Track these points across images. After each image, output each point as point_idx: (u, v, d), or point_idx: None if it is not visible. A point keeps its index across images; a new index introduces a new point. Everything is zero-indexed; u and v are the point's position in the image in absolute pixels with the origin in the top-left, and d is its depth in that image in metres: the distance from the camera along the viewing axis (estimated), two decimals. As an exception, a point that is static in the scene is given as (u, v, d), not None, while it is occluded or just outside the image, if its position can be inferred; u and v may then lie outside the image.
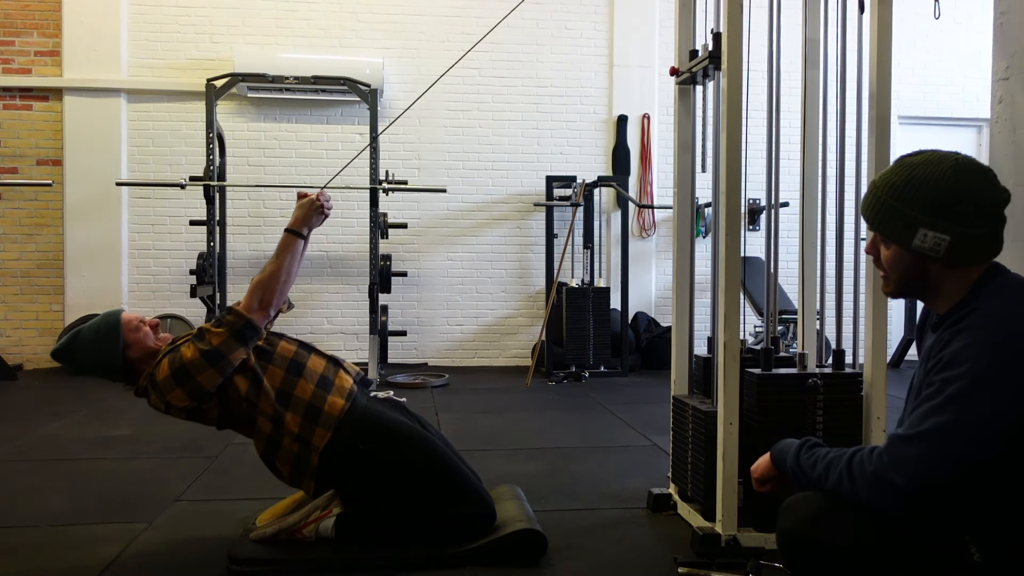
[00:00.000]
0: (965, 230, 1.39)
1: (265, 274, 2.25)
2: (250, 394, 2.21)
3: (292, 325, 6.38)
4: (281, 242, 2.29)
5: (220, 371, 2.16)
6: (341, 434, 2.23)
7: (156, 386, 2.18)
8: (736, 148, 2.40)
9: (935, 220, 1.40)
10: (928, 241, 1.41)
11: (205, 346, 2.14)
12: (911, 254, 1.44)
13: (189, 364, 2.14)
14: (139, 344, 2.26)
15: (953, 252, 1.40)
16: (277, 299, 2.25)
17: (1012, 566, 1.31)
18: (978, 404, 1.29)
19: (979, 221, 1.39)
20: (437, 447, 2.32)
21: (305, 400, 2.23)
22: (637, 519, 2.65)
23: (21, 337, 6.24)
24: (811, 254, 2.68)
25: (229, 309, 2.22)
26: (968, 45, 6.97)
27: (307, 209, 2.32)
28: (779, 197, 2.62)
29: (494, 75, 6.57)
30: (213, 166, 5.58)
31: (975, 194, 1.39)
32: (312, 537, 2.28)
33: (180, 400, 2.17)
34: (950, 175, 1.40)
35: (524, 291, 6.65)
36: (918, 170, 1.43)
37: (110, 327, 2.24)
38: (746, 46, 2.48)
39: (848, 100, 2.58)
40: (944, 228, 1.39)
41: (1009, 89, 2.28)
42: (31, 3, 6.18)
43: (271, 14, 6.37)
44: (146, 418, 4.33)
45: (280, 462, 2.26)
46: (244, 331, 2.18)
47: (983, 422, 1.29)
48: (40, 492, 2.96)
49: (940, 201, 1.39)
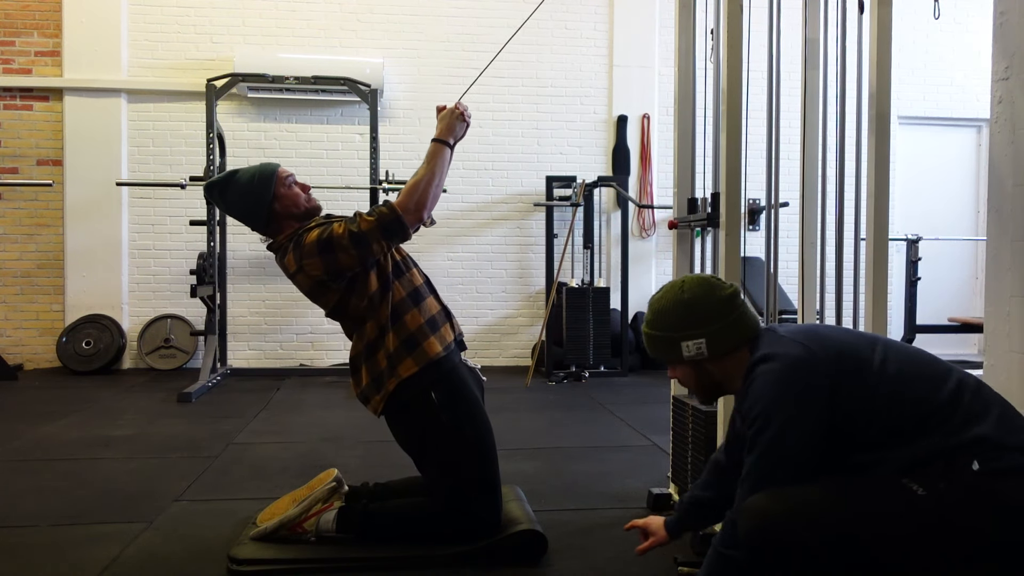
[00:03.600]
0: (711, 328, 1.73)
1: (418, 177, 2.28)
2: (375, 297, 2.27)
3: (292, 324, 6.39)
4: (430, 150, 2.32)
5: (359, 256, 2.20)
6: (424, 376, 2.27)
7: (299, 247, 2.23)
8: (736, 148, 2.40)
9: (687, 332, 1.74)
10: (692, 349, 1.74)
11: (355, 228, 2.19)
12: (689, 365, 1.78)
13: (335, 239, 2.18)
14: (287, 199, 2.33)
15: (713, 348, 1.73)
16: (430, 203, 2.26)
17: (949, 496, 1.49)
18: (783, 438, 1.57)
19: (718, 317, 1.73)
20: (491, 437, 2.35)
21: (410, 329, 2.29)
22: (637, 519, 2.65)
23: (21, 337, 6.24)
24: (811, 254, 2.68)
25: (385, 202, 2.27)
26: (968, 45, 6.97)
27: (450, 119, 2.34)
28: (779, 197, 2.62)
29: (494, 75, 6.54)
30: (213, 166, 5.59)
31: (704, 301, 1.74)
32: (313, 530, 2.29)
33: (314, 268, 2.21)
34: (679, 295, 1.76)
35: (524, 291, 6.65)
36: (660, 303, 1.79)
37: (265, 176, 2.32)
38: (746, 46, 2.48)
39: (848, 100, 2.58)
40: (696, 335, 1.73)
41: (1009, 89, 2.28)
42: (31, 3, 6.18)
43: (271, 14, 6.37)
44: (146, 418, 4.34)
45: (366, 369, 2.31)
46: (392, 225, 2.20)
47: (790, 449, 1.57)
48: (40, 492, 2.96)
49: (682, 317, 1.74)
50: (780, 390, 1.59)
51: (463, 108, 2.36)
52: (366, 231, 2.19)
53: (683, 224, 2.77)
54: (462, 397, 2.33)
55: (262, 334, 6.39)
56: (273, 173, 2.33)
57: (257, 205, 2.31)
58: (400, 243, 2.29)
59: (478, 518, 2.28)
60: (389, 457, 3.50)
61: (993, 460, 1.49)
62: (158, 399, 4.94)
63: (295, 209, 2.34)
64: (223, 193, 2.36)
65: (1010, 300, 2.26)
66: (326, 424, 4.24)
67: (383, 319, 2.28)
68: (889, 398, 1.57)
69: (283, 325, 6.41)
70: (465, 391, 2.34)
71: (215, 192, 2.38)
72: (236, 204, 2.35)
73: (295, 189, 2.36)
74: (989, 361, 2.34)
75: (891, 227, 2.59)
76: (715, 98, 2.62)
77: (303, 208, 2.35)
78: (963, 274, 7.18)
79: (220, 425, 4.17)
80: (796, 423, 1.57)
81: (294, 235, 2.29)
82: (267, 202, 2.31)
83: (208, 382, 5.27)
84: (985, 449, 1.51)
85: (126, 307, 6.27)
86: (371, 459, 3.48)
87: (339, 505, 2.33)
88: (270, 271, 6.39)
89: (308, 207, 2.36)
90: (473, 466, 2.29)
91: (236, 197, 2.34)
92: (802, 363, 1.60)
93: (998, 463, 1.49)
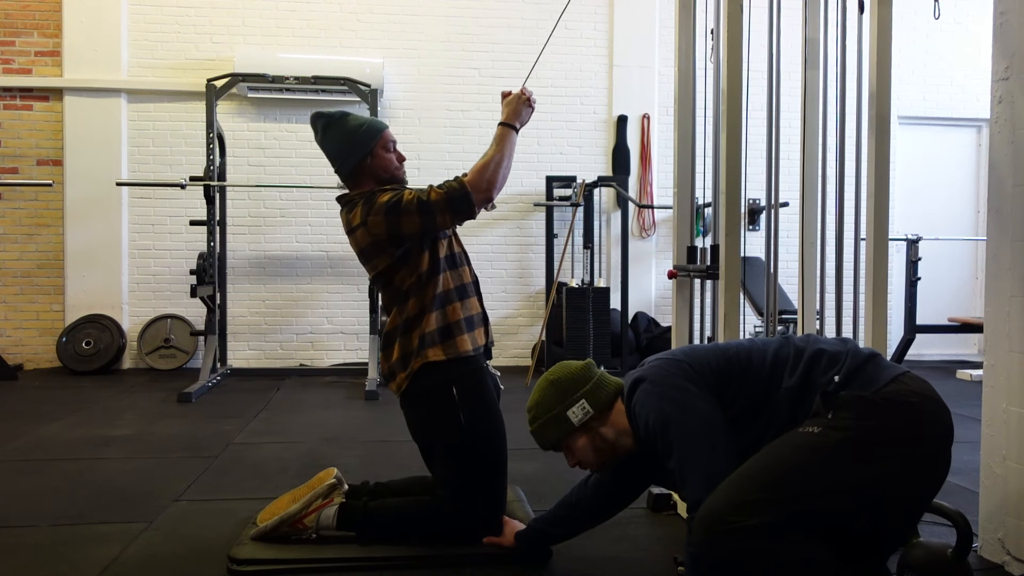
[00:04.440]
0: (585, 389, 1.92)
1: (488, 157, 2.31)
2: (423, 276, 2.29)
3: (292, 324, 6.39)
4: (498, 134, 2.35)
5: (423, 224, 2.22)
6: (449, 368, 2.28)
7: (369, 204, 2.27)
8: (736, 148, 2.40)
9: (567, 401, 1.92)
10: (579, 412, 1.91)
11: (423, 196, 2.23)
12: (582, 433, 1.92)
13: (404, 203, 2.22)
14: (381, 161, 2.37)
15: (594, 403, 1.91)
16: (499, 183, 2.30)
17: (855, 375, 1.72)
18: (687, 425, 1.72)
19: (585, 379, 1.94)
20: (503, 443, 2.36)
21: (449, 320, 2.31)
22: (637, 519, 2.65)
23: (21, 337, 6.24)
24: (811, 254, 2.68)
25: (456, 178, 2.30)
26: (968, 45, 6.97)
27: (516, 104, 2.38)
28: (779, 197, 2.62)
29: (494, 75, 6.57)
30: (213, 166, 5.59)
31: (567, 373, 1.97)
32: (314, 526, 2.29)
33: (376, 227, 2.24)
34: (545, 382, 1.98)
35: (524, 291, 6.65)
36: (533, 399, 1.98)
37: (372, 130, 2.36)
38: (746, 46, 2.48)
39: (848, 100, 2.58)
40: (576, 399, 1.91)
41: (1009, 89, 2.28)
42: (31, 3, 6.18)
43: (271, 14, 6.37)
44: (146, 418, 4.34)
45: (399, 345, 2.31)
46: (460, 201, 2.24)
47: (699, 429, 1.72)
48: (40, 492, 2.96)
49: (557, 393, 1.94)
50: (661, 392, 1.76)
51: (529, 93, 2.40)
52: (434, 201, 2.22)
53: (683, 273, 2.77)
54: (481, 399, 2.33)
55: (262, 334, 6.39)
56: (381, 131, 2.37)
57: (352, 154, 2.35)
58: (464, 220, 2.30)
59: (480, 520, 2.28)
60: (389, 457, 3.50)
61: (840, 371, 1.71)
62: (158, 399, 4.94)
63: (383, 173, 2.38)
64: (327, 128, 2.39)
65: (1010, 300, 2.26)
66: (326, 424, 4.24)
67: (427, 300, 2.29)
68: (742, 379, 1.78)
69: (283, 325, 6.42)
70: (485, 394, 2.35)
71: (320, 123, 2.41)
72: (334, 142, 2.38)
73: (392, 155, 2.40)
74: (989, 361, 2.34)
75: (891, 227, 2.59)
76: (715, 98, 2.62)
77: (391, 174, 2.39)
78: (963, 274, 7.18)
79: (220, 425, 4.17)
80: (687, 412, 1.72)
81: (368, 193, 2.32)
82: (363, 155, 2.34)
83: (208, 382, 5.27)
84: (828, 366, 1.73)
85: (126, 307, 6.27)
86: (371, 459, 3.48)
87: (339, 501, 2.33)
88: (270, 271, 6.39)
89: (395, 175, 2.41)
90: (481, 468, 2.29)
91: (337, 136, 2.37)
92: (666, 368, 1.80)
93: (845, 370, 1.70)
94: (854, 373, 1.70)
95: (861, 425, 1.62)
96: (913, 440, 1.63)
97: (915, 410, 1.64)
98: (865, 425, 1.62)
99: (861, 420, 1.63)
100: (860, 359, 1.74)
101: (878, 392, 1.66)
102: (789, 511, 1.59)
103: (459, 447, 2.28)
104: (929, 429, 1.65)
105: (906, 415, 1.64)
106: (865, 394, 1.66)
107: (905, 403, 1.64)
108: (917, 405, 1.65)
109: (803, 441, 1.64)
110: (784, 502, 1.59)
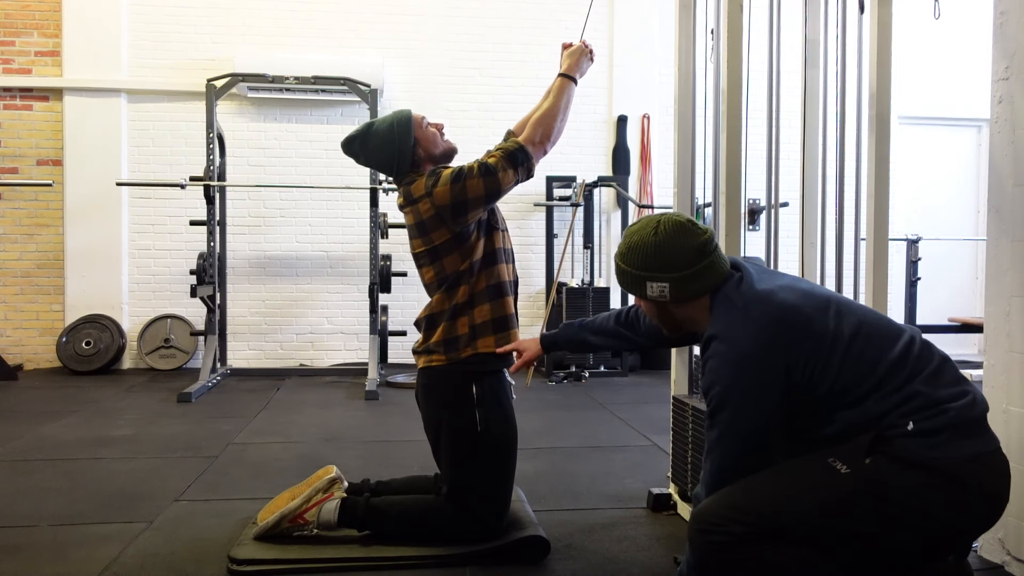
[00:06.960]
0: (676, 274, 1.72)
1: (543, 110, 2.31)
2: (476, 265, 2.29)
3: (292, 324, 6.39)
4: (555, 85, 2.34)
5: (487, 185, 2.21)
6: (474, 367, 2.28)
7: (434, 176, 2.26)
8: (736, 148, 2.40)
9: (653, 274, 1.74)
10: (655, 291, 1.74)
11: (484, 159, 2.25)
12: (652, 304, 1.79)
13: (466, 169, 2.23)
14: (427, 140, 2.37)
15: (675, 294, 1.73)
16: (555, 135, 2.32)
17: (934, 433, 1.52)
18: (736, 421, 1.61)
19: (686, 265, 1.71)
20: (513, 450, 2.34)
21: (480, 320, 2.30)
22: (637, 519, 2.65)
23: (21, 337, 6.24)
24: (811, 254, 2.68)
25: (508, 137, 2.31)
26: (968, 45, 6.97)
27: (577, 56, 2.38)
28: (779, 197, 2.62)
29: (494, 75, 6.57)
30: (213, 166, 5.59)
31: (675, 246, 1.72)
32: (315, 520, 2.28)
33: (442, 198, 2.22)
34: (652, 235, 1.74)
35: (524, 291, 6.65)
36: (633, 237, 1.78)
37: (403, 122, 2.34)
38: (746, 46, 2.48)
39: (848, 100, 2.58)
40: (661, 278, 1.73)
41: (1009, 89, 2.28)
42: (31, 3, 6.18)
43: (271, 14, 6.37)
44: (146, 418, 4.34)
45: (444, 329, 2.30)
46: (517, 154, 2.25)
47: (743, 431, 1.62)
48: (40, 492, 2.96)
49: (651, 258, 1.73)
50: (735, 374, 1.61)
51: (590, 46, 2.41)
52: (493, 163, 2.23)
53: None
54: (499, 403, 2.31)
55: (262, 334, 6.39)
56: (410, 118, 2.36)
57: (402, 153, 2.33)
58: (527, 174, 2.29)
59: (482, 521, 2.28)
60: (389, 457, 3.50)
61: (926, 419, 1.53)
62: (158, 399, 4.94)
63: (435, 150, 2.38)
64: (364, 144, 2.38)
65: (1010, 300, 2.26)
66: (326, 424, 4.24)
67: (478, 289, 2.29)
68: (841, 365, 1.59)
69: (283, 325, 6.42)
70: (504, 399, 2.34)
71: (356, 144, 2.39)
72: (379, 151, 2.36)
73: (431, 129, 2.39)
74: (989, 361, 2.34)
75: (891, 227, 2.59)
76: (715, 98, 2.62)
77: (441, 148, 2.39)
78: (963, 274, 7.18)
79: (220, 425, 4.17)
80: (748, 407, 1.61)
81: (431, 170, 2.32)
82: (411, 147, 2.33)
83: (208, 382, 5.27)
84: (919, 407, 1.54)
85: (126, 307, 6.27)
86: (371, 459, 3.48)
87: (340, 496, 2.32)
88: (270, 271, 6.39)
89: (446, 147, 2.41)
90: (488, 471, 2.28)
91: (379, 144, 2.35)
92: (756, 350, 1.60)
93: (930, 422, 1.52)
94: (939, 431, 1.52)
95: (896, 485, 1.50)
96: (941, 521, 1.51)
97: (965, 498, 1.50)
98: (900, 486, 1.50)
99: (898, 480, 1.50)
100: (964, 416, 1.54)
101: (940, 461, 1.49)
102: (779, 530, 1.57)
103: (467, 446, 2.27)
104: (966, 523, 1.54)
105: (950, 498, 1.49)
106: (923, 456, 1.50)
107: (961, 486, 1.49)
108: (972, 490, 1.50)
109: (823, 476, 1.56)
110: (775, 523, 1.57)
